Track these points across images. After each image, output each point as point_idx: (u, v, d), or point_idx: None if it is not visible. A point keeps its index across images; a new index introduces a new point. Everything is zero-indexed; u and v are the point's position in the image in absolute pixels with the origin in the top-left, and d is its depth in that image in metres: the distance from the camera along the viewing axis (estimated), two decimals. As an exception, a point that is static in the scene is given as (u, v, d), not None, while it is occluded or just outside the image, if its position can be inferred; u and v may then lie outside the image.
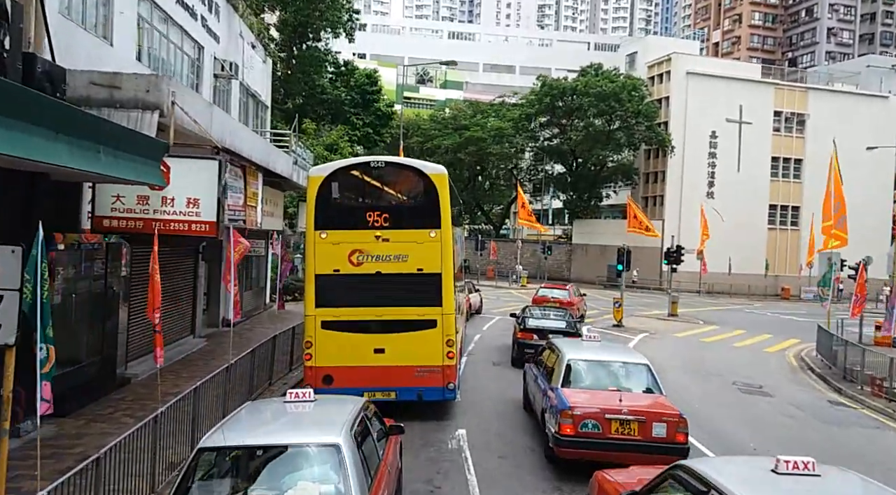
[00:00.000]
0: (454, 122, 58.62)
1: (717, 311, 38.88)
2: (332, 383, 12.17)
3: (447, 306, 12.52)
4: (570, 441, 9.80)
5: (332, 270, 12.42)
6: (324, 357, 12.32)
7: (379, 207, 12.80)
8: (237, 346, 18.69)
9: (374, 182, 13.40)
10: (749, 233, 55.04)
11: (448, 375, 12.38)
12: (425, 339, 12.40)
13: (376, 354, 12.29)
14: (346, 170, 13.23)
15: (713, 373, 18.60)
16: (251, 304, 25.48)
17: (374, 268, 12.39)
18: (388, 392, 12.28)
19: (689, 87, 54.79)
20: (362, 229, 12.46)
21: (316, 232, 12.54)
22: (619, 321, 26.72)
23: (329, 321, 12.33)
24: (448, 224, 12.71)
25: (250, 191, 17.53)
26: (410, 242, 12.47)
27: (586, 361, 11.22)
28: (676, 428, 9.82)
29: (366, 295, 12.42)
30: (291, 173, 21.76)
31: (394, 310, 12.37)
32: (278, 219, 26.21)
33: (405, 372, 12.29)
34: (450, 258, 12.75)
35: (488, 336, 23.15)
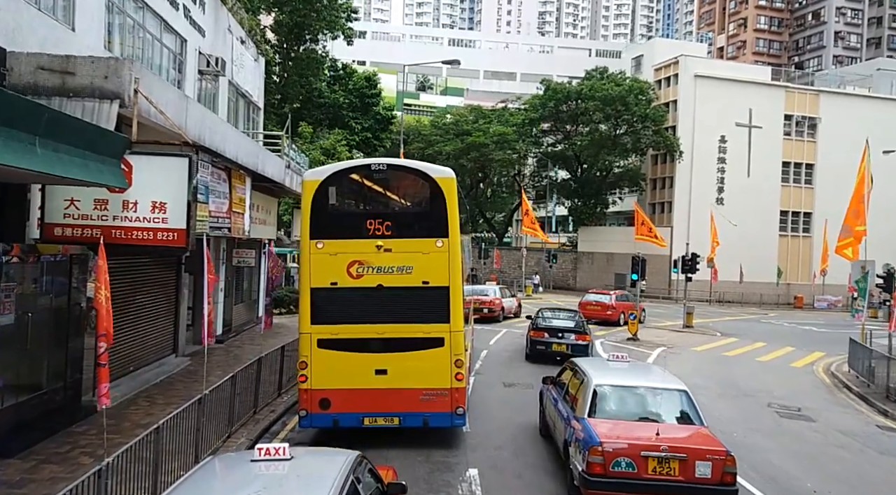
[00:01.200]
0: (456, 127, 57.20)
1: (733, 322, 37.27)
2: (329, 408, 10.92)
3: (455, 322, 11.06)
4: (600, 482, 8.51)
5: (329, 283, 11.07)
6: (320, 379, 10.96)
7: (381, 214, 11.51)
8: (223, 366, 17.15)
9: (376, 186, 11.98)
10: (759, 240, 53.48)
11: (457, 399, 10.97)
12: (432, 359, 10.98)
13: (378, 376, 10.92)
14: (344, 174, 11.86)
15: (745, 393, 16.99)
16: (243, 318, 23.93)
17: (375, 280, 11.03)
18: (391, 417, 10.99)
19: (697, 91, 53.34)
20: (363, 238, 11.10)
21: (311, 241, 11.17)
22: (634, 334, 25.12)
23: (326, 339, 10.99)
24: (456, 232, 11.28)
25: (236, 196, 15.98)
26: (415, 252, 11.10)
27: (616, 387, 9.85)
28: (724, 468, 8.48)
29: (366, 310, 11.06)
30: (284, 178, 20.24)
31: (397, 326, 11.00)
32: (271, 227, 24.69)
33: (410, 396, 10.92)
34: (458, 270, 11.27)
35: (497, 351, 21.56)
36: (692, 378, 18.22)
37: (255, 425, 12.15)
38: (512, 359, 20.23)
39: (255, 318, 25.15)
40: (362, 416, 10.81)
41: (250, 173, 17.25)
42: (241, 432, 11.62)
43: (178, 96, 11.23)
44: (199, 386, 14.47)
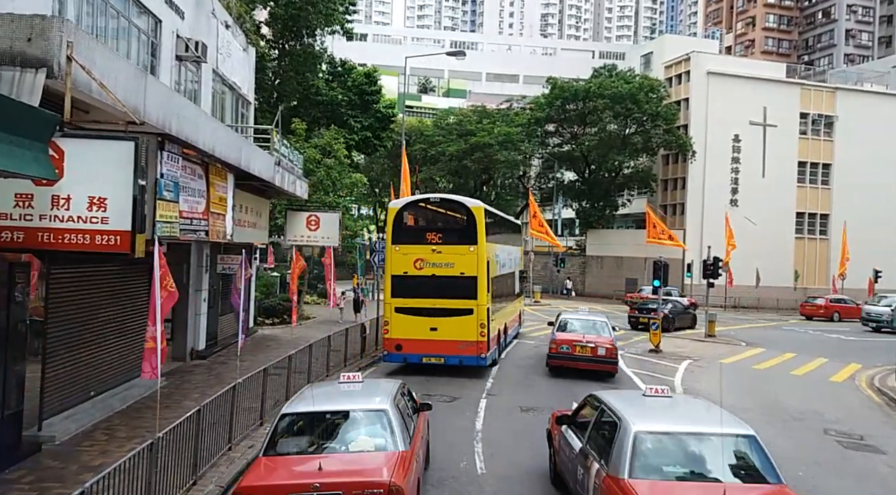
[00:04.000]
0: (459, 127, 55.26)
1: (753, 329, 35.23)
2: (401, 350, 17.55)
3: (481, 300, 17.34)
4: None
5: (402, 272, 17.58)
6: (396, 331, 17.52)
7: (434, 229, 17.96)
8: (202, 387, 15.20)
9: (432, 211, 18.85)
10: (775, 242, 51.47)
11: (480, 348, 17.25)
12: (465, 322, 17.20)
13: (431, 331, 17.29)
14: (414, 203, 19.08)
15: (793, 417, 14.99)
16: (232, 329, 21.94)
17: (430, 271, 17.44)
18: (439, 358, 17.31)
19: (710, 88, 51.40)
20: (423, 244, 17.57)
21: (392, 246, 17.74)
22: (656, 346, 23.14)
23: (400, 307, 17.53)
24: (483, 242, 17.38)
25: (215, 195, 14.07)
26: (456, 254, 17.39)
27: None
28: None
29: (424, 290, 17.38)
30: (274, 176, 18.34)
31: (444, 301, 17.29)
32: (262, 230, 22.78)
33: (451, 345, 17.19)
34: (484, 265, 17.44)
35: (511, 363, 19.57)
36: (728, 397, 16.28)
37: (228, 465, 10.17)
38: (529, 374, 18.30)
39: (246, 329, 23.22)
40: (422, 356, 17.38)
41: (233, 170, 15.35)
42: (211, 475, 9.66)
43: (131, 70, 9.30)
44: (172, 414, 12.54)
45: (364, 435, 7.78)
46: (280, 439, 7.77)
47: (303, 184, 23.06)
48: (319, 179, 26.26)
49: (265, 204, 22.99)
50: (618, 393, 10.42)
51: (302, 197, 22.96)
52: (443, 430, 12.03)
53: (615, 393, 9.76)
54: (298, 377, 14.91)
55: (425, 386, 15.86)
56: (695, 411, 8.74)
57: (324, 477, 6.78)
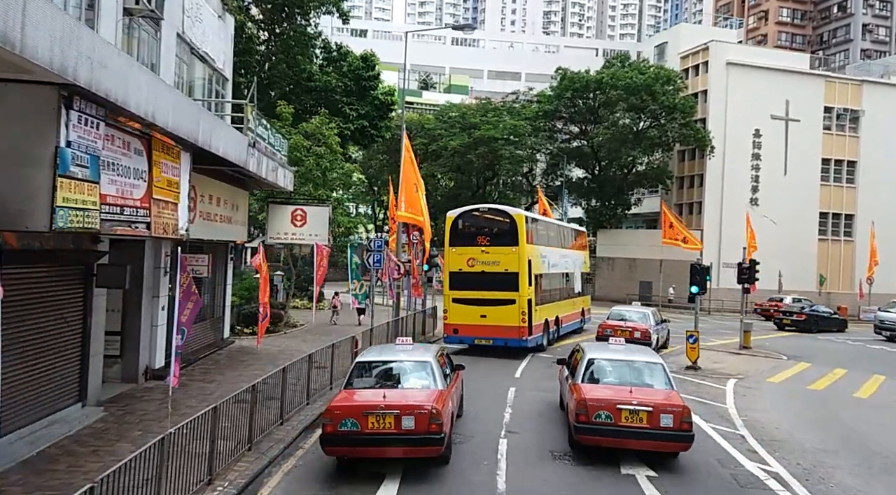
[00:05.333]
0: (463, 120, 52.22)
1: (786, 339, 32.23)
2: (457, 333, 21.34)
3: (522, 292, 20.60)
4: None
5: (457, 269, 21.35)
6: (453, 318, 21.31)
7: (484, 233, 21.48)
8: (148, 420, 12.08)
9: (481, 218, 22.08)
10: (797, 244, 48.44)
11: (522, 332, 20.63)
12: (509, 310, 20.68)
13: (482, 318, 20.91)
14: (467, 212, 22.32)
15: (894, 461, 11.92)
16: (203, 340, 18.94)
17: (480, 268, 21.04)
18: (488, 340, 20.97)
19: (729, 80, 48.39)
20: (474, 246, 21.24)
21: (450, 247, 21.60)
22: (694, 362, 20.08)
23: (456, 298, 21.28)
24: (524, 243, 20.79)
25: (161, 178, 11.01)
26: (501, 254, 20.89)
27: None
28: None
29: (475, 283, 21.03)
30: (246, 159, 15.29)
31: (491, 293, 20.78)
32: (240, 226, 19.77)
33: (498, 329, 20.73)
34: (525, 264, 20.75)
35: (526, 391, 16.50)
36: (801, 432, 13.29)
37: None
38: (553, 403, 15.26)
39: (220, 339, 20.17)
40: (474, 339, 21.16)
41: (189, 147, 12.29)
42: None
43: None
44: (97, 463, 9.51)
45: (414, 377, 10.76)
46: (355, 378, 10.80)
47: (287, 173, 20.02)
48: (308, 169, 23.24)
49: (243, 196, 19.98)
50: (592, 342, 16.23)
51: (286, 188, 19.92)
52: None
53: (589, 342, 15.57)
54: (269, 406, 11.84)
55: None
56: (633, 350, 12.96)
57: (387, 402, 9.66)
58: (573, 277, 27.17)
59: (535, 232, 22.55)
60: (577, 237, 30.34)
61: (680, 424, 10.18)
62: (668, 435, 10.19)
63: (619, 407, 10.29)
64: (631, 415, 10.26)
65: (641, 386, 11.00)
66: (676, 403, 10.44)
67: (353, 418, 9.52)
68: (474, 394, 14.71)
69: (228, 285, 20.41)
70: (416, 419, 9.45)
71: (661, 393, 10.89)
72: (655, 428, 10.18)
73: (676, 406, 10.34)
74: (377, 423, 9.47)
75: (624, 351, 12.58)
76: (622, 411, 10.27)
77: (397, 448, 9.63)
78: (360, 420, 9.48)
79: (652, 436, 10.23)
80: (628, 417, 10.25)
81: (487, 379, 17.28)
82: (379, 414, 9.48)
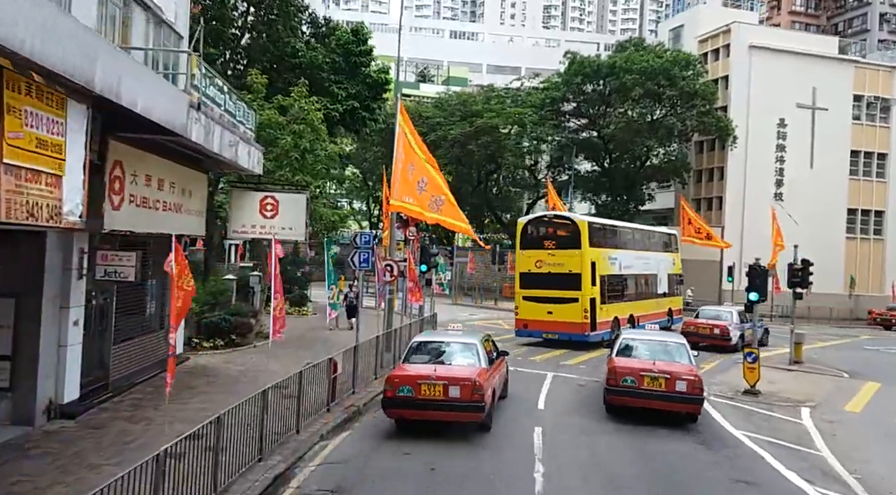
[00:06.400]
0: (464, 107, 48.43)
1: (828, 349, 28.59)
2: (527, 327, 23.70)
3: (585, 291, 22.57)
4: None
5: (526, 270, 23.84)
6: (523, 314, 23.70)
7: (550, 237, 23.76)
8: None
9: (548, 224, 24.57)
10: (824, 243, 44.57)
11: (584, 327, 22.49)
12: (572, 308, 22.55)
13: (548, 314, 22.94)
14: (536, 219, 25.73)
15: None
16: (142, 360, 15.08)
17: (547, 269, 23.25)
18: (554, 334, 23.05)
19: (752, 65, 44.68)
20: (541, 249, 23.57)
21: (520, 250, 24.32)
22: (752, 385, 16.33)
23: (526, 296, 23.70)
24: (586, 247, 22.85)
25: (24, 134, 7.23)
26: (565, 256, 22.98)
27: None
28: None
29: (542, 283, 23.27)
30: (187, 125, 11.50)
31: (557, 291, 22.84)
32: (194, 217, 15.99)
33: (562, 324, 22.75)
34: (588, 265, 22.77)
35: (555, 407, 12.82)
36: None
37: None
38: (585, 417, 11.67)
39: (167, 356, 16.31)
40: (542, 333, 23.45)
41: (87, 97, 8.51)
42: None
43: None
44: None
45: (461, 356, 12.50)
46: (411, 355, 12.72)
47: (254, 151, 16.24)
48: (284, 150, 19.46)
49: (199, 180, 16.17)
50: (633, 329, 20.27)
51: (252, 170, 16.14)
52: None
53: (630, 329, 19.93)
54: (202, 465, 8.05)
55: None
56: (663, 334, 16.03)
57: (437, 373, 11.47)
58: (656, 278, 28.88)
59: (603, 236, 24.94)
60: (665, 240, 31.82)
61: (692, 389, 12.51)
62: (682, 398, 12.57)
63: (642, 373, 12.65)
64: (652, 381, 12.59)
65: (664, 361, 13.16)
66: (690, 372, 12.71)
67: (408, 385, 11.23)
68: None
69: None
70: (461, 389, 11.11)
71: (679, 366, 13.04)
72: (671, 391, 12.49)
73: (690, 374, 12.65)
74: (429, 391, 11.14)
75: (654, 334, 15.44)
76: (644, 377, 12.64)
77: (445, 412, 11.29)
78: (415, 387, 11.18)
79: (668, 399, 12.59)
80: (649, 382, 12.58)
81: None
82: (430, 384, 11.16)
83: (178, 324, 10.74)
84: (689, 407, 12.79)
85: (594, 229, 24.03)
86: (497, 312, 36.60)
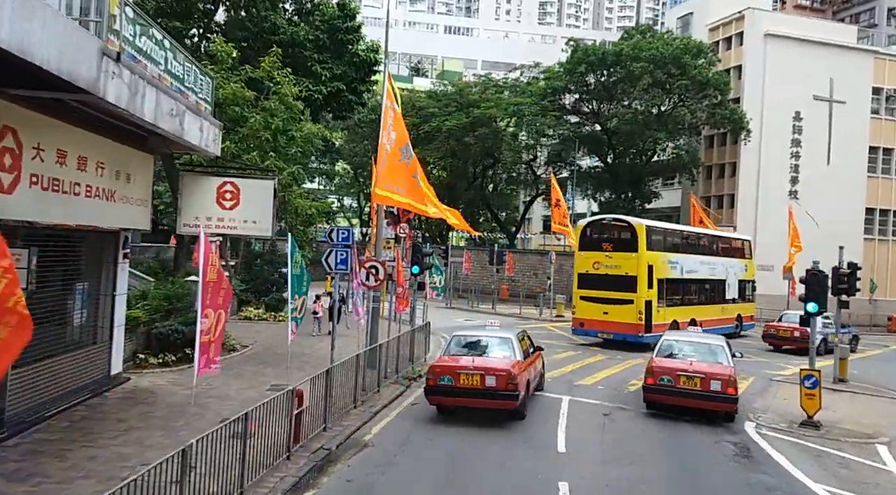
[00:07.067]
0: (460, 98, 45.54)
1: (864, 361, 25.85)
2: (583, 326, 24.39)
3: (640, 293, 22.99)
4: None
5: (584, 271, 24.56)
6: (580, 313, 24.47)
7: (607, 240, 24.45)
8: None
9: (606, 227, 25.16)
10: (840, 244, 41.88)
11: (638, 328, 22.89)
12: (627, 309, 23.12)
13: (604, 314, 23.59)
14: (595, 221, 26.18)
15: None
16: (65, 383, 12.09)
17: (604, 271, 23.89)
18: (609, 334, 23.68)
19: (767, 54, 41.96)
20: (599, 251, 24.28)
21: (579, 252, 25.24)
22: (811, 416, 13.51)
23: (583, 295, 24.39)
24: (643, 250, 23.31)
25: None
26: (622, 258, 23.61)
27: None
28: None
29: (599, 284, 23.90)
30: (97, 79, 8.54)
31: (612, 292, 23.41)
32: (137, 206, 13.09)
33: (618, 325, 23.30)
34: (644, 268, 23.16)
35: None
36: None
37: None
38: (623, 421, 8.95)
39: (105, 378, 13.34)
40: (597, 332, 24.06)
41: None
42: None
43: None
44: None
45: (497, 349, 13.25)
46: (452, 347, 13.45)
47: (209, 127, 13.29)
48: (253, 130, 16.51)
49: (142, 161, 13.23)
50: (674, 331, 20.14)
51: (206, 149, 13.19)
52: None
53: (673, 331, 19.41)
54: None
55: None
56: (704, 336, 15.76)
57: (475, 364, 12.32)
58: (723, 284, 28.68)
59: (663, 239, 25.48)
60: (735, 245, 31.50)
61: (726, 388, 12.98)
62: (716, 397, 13.03)
63: (678, 373, 13.25)
64: (687, 380, 13.16)
65: (701, 361, 13.68)
66: (725, 373, 13.17)
67: (448, 375, 12.28)
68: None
69: (120, 295, 13.62)
70: (497, 378, 12.02)
71: (716, 366, 13.49)
72: (706, 390, 13.03)
73: (724, 374, 13.13)
74: (467, 380, 12.13)
75: (695, 336, 15.44)
76: (680, 376, 13.22)
77: (481, 399, 12.24)
78: (454, 376, 12.22)
79: (702, 397, 13.13)
80: (685, 381, 13.16)
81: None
82: (468, 373, 12.15)
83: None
84: (723, 406, 13.21)
85: (653, 232, 24.62)
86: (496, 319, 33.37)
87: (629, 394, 15.81)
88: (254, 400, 10.53)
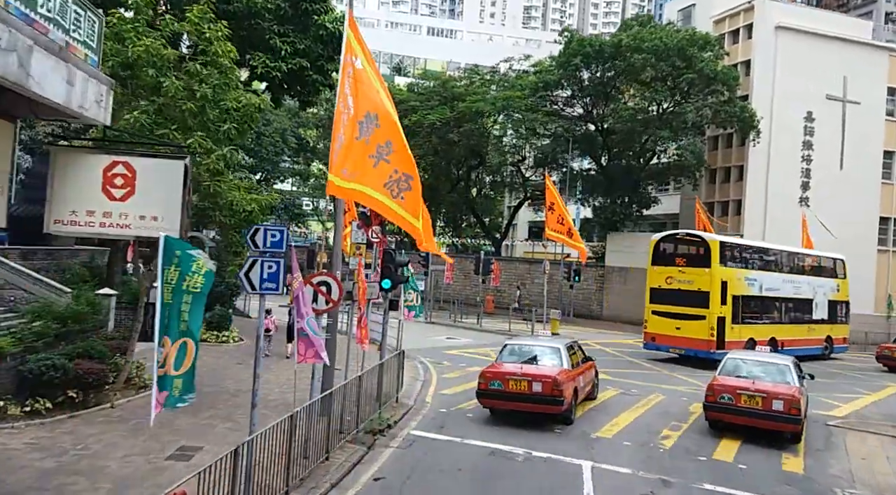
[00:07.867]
0: (443, 90, 41.70)
1: None
2: (654, 341, 24.60)
3: (713, 309, 22.98)
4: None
5: (656, 285, 24.60)
6: (652, 328, 24.60)
7: (680, 254, 24.61)
8: None
9: (680, 242, 25.36)
10: (854, 255, 38.62)
11: (710, 344, 22.82)
12: (699, 325, 23.11)
13: (676, 330, 23.67)
14: (668, 236, 26.12)
15: None
16: None
17: (676, 286, 23.91)
18: (679, 350, 23.87)
19: (778, 48, 38.61)
20: (672, 266, 24.40)
21: (652, 266, 25.06)
22: None
23: (655, 310, 24.45)
24: (717, 266, 23.28)
25: None
26: (695, 274, 23.65)
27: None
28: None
29: (671, 299, 23.87)
30: None
31: (684, 308, 23.40)
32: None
33: (689, 341, 23.25)
34: (717, 284, 23.14)
35: None
36: None
37: None
38: None
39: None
40: (668, 347, 24.34)
41: None
42: None
43: None
44: None
45: (546, 358, 14.05)
46: (504, 355, 14.42)
47: (91, 83, 9.24)
48: (171, 98, 12.44)
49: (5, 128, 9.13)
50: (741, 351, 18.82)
51: (85, 114, 9.12)
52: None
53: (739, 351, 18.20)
54: None
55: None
56: (769, 355, 15.64)
57: (523, 371, 13.21)
58: (810, 303, 28.19)
59: (739, 256, 25.46)
60: (824, 264, 30.62)
61: (789, 409, 12.68)
62: (778, 417, 12.76)
63: (739, 391, 13.07)
64: (749, 399, 12.98)
65: (765, 380, 13.52)
66: (788, 392, 12.89)
67: (499, 380, 13.20)
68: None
69: None
70: (543, 384, 12.86)
71: (780, 386, 13.31)
72: (768, 410, 12.82)
73: (787, 394, 12.83)
74: (516, 386, 13.01)
75: (761, 355, 15.46)
76: (741, 395, 13.03)
77: (528, 404, 13.11)
78: (504, 381, 13.13)
79: (764, 417, 12.90)
80: (746, 400, 12.98)
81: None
82: (517, 379, 13.05)
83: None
84: (786, 427, 13.03)
85: (727, 249, 24.61)
86: (482, 336, 29.37)
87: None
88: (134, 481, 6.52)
